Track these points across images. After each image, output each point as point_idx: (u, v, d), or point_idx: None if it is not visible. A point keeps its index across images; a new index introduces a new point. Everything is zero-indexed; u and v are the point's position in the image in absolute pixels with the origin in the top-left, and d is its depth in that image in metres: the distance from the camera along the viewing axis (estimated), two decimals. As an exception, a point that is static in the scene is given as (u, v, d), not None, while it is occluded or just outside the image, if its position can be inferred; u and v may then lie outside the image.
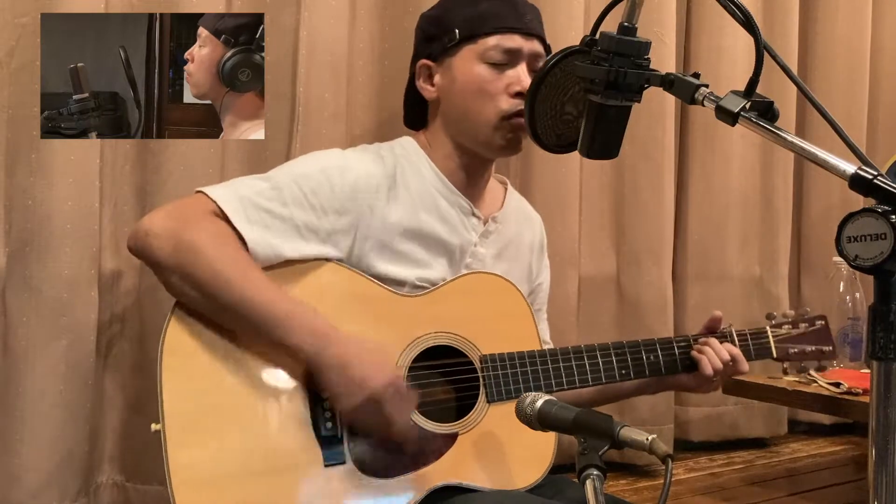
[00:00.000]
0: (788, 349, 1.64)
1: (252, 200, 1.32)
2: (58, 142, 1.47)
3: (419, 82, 1.50)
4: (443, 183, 1.47)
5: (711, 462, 2.25)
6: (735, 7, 0.99)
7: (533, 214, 1.68)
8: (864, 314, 1.96)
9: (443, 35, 1.46)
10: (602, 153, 1.10)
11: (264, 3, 1.70)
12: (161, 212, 1.32)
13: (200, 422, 1.25)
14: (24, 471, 1.46)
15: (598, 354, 1.46)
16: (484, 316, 1.42)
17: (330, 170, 1.38)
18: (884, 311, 0.85)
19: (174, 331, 1.28)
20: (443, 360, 1.39)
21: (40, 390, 1.47)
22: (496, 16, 1.44)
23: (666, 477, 0.98)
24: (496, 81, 1.43)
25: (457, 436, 1.36)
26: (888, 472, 0.86)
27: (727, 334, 1.57)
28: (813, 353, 1.67)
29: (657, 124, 2.14)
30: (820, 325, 1.67)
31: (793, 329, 1.66)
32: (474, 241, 1.50)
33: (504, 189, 1.61)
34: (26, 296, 1.48)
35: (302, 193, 1.34)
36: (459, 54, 1.45)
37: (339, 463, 1.29)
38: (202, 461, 1.23)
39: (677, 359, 1.52)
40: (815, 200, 2.51)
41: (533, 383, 1.41)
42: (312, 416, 1.29)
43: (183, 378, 1.26)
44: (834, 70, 2.50)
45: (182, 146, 1.59)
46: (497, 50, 1.43)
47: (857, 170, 0.86)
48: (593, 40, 1.07)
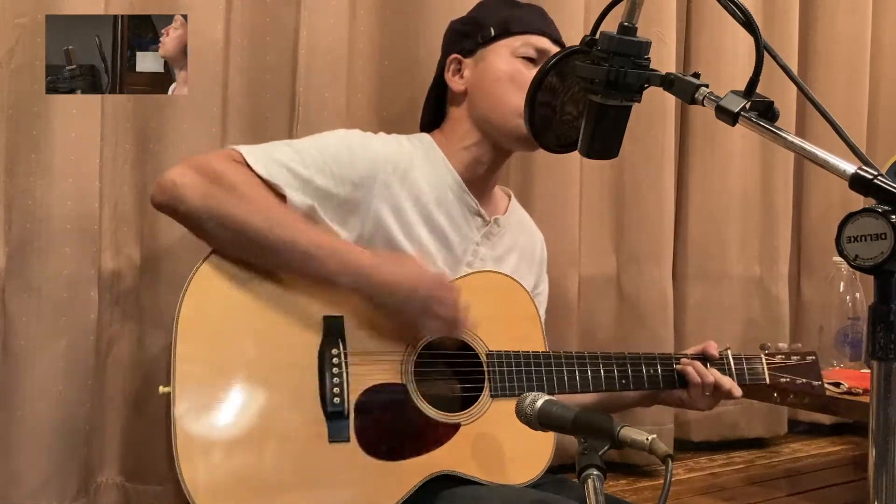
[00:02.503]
0: (780, 378, 1.68)
1: (275, 157, 1.35)
2: (58, 142, 1.47)
3: (448, 75, 1.55)
4: (454, 179, 1.50)
5: (711, 462, 2.25)
6: (735, 7, 0.99)
7: (535, 229, 1.71)
8: (864, 314, 1.96)
9: (477, 32, 1.53)
10: (602, 153, 1.10)
11: (264, 2, 1.70)
12: (185, 163, 1.33)
13: (209, 387, 1.25)
14: (24, 471, 1.46)
15: (600, 362, 1.49)
16: (492, 314, 1.44)
17: (352, 142, 1.42)
18: (884, 311, 0.84)
19: (193, 293, 1.28)
20: (451, 351, 1.41)
21: (40, 390, 1.47)
22: (530, 19, 1.53)
23: (666, 477, 0.99)
24: (528, 74, 1.46)
25: (459, 426, 1.37)
26: (888, 472, 0.86)
27: (723, 356, 1.60)
28: (803, 385, 1.70)
29: (657, 124, 2.14)
30: (811, 360, 1.71)
31: (785, 360, 1.70)
32: (476, 241, 1.52)
33: (508, 199, 1.65)
34: (26, 296, 1.48)
35: (322, 159, 1.37)
36: (492, 48, 1.51)
37: (343, 440, 1.30)
38: (207, 428, 1.23)
39: (675, 374, 1.55)
40: (815, 200, 2.51)
41: (536, 383, 1.43)
42: (321, 390, 1.30)
43: (196, 343, 1.26)
44: (834, 70, 2.50)
45: (182, 147, 1.59)
46: (529, 47, 1.50)
47: (857, 170, 0.86)
48: (593, 40, 1.07)
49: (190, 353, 1.25)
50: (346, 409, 1.31)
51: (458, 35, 1.56)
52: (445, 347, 1.41)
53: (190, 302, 1.28)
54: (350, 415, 1.31)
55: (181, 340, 1.25)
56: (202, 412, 1.24)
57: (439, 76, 1.57)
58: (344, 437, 1.30)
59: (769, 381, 1.66)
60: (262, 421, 1.26)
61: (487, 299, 1.45)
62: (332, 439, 1.29)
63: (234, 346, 1.29)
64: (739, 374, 1.61)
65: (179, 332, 1.25)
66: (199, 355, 1.26)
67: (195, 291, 1.29)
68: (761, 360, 1.66)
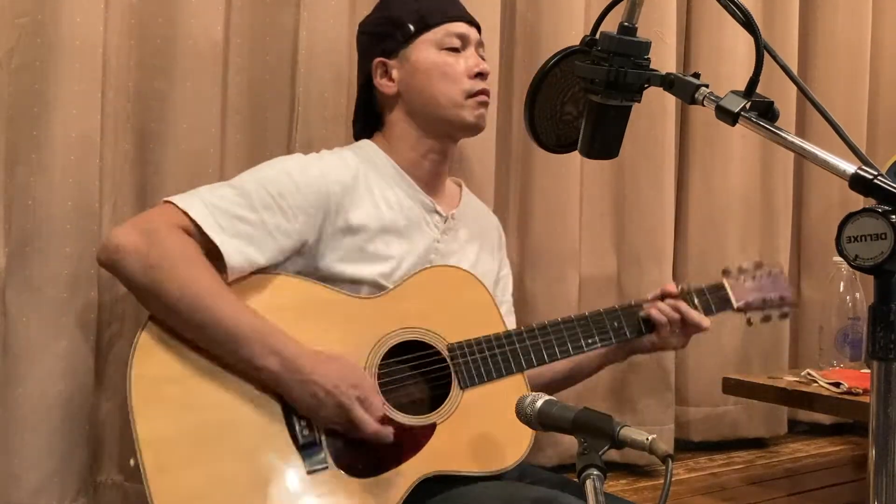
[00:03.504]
0: (749, 298, 1.67)
1: (221, 207, 1.34)
2: (58, 142, 1.47)
3: (377, 80, 1.54)
4: (405, 181, 1.51)
5: (711, 462, 2.25)
6: (735, 7, 0.99)
7: (490, 214, 1.73)
8: (864, 314, 1.96)
9: (395, 31, 1.52)
10: (602, 153, 1.10)
11: (264, 2, 1.70)
12: (129, 227, 1.33)
13: (177, 447, 1.24)
14: (24, 471, 1.46)
15: (562, 328, 1.50)
16: (446, 308, 1.44)
17: (294, 171, 1.41)
18: (884, 311, 0.85)
19: (141, 358, 1.28)
20: (412, 354, 1.41)
21: (40, 390, 1.47)
22: (443, 7, 1.54)
23: (666, 477, 0.99)
24: (456, 65, 1.50)
25: (435, 426, 1.37)
26: (888, 472, 0.86)
27: (686, 292, 1.60)
28: (773, 300, 1.69)
29: (657, 124, 2.14)
30: (776, 272, 1.69)
31: (750, 280, 1.69)
32: (437, 238, 1.52)
33: (460, 189, 1.65)
34: (26, 296, 1.47)
35: (270, 197, 1.37)
36: (415, 46, 1.51)
37: (322, 468, 1.29)
38: (185, 487, 1.23)
39: (640, 320, 1.56)
40: (815, 200, 2.51)
41: (503, 364, 1.43)
42: (288, 426, 1.30)
43: (154, 404, 1.26)
44: (834, 70, 2.50)
45: (182, 146, 1.59)
46: (451, 36, 1.51)
47: (857, 170, 0.86)
48: (593, 40, 1.07)
49: (150, 415, 1.24)
50: (317, 437, 1.31)
51: (376, 38, 1.55)
52: (405, 351, 1.40)
53: (141, 358, 1.28)
54: (322, 441, 1.31)
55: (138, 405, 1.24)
56: (176, 478, 1.23)
57: (364, 83, 1.57)
58: (322, 466, 1.29)
59: (736, 305, 1.66)
60: (238, 472, 1.26)
61: (440, 293, 1.45)
62: (310, 470, 1.28)
63: (192, 398, 1.28)
64: (705, 306, 1.61)
65: (134, 394, 1.25)
66: (159, 415, 1.25)
67: (144, 346, 1.29)
68: (725, 286, 1.66)
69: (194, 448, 1.25)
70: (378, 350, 1.37)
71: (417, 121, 1.52)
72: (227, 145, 1.67)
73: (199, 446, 1.25)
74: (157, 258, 1.28)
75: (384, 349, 1.38)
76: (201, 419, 1.27)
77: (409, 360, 1.41)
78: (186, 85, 1.59)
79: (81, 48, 1.48)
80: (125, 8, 1.58)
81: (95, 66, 1.51)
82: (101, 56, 1.52)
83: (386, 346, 1.38)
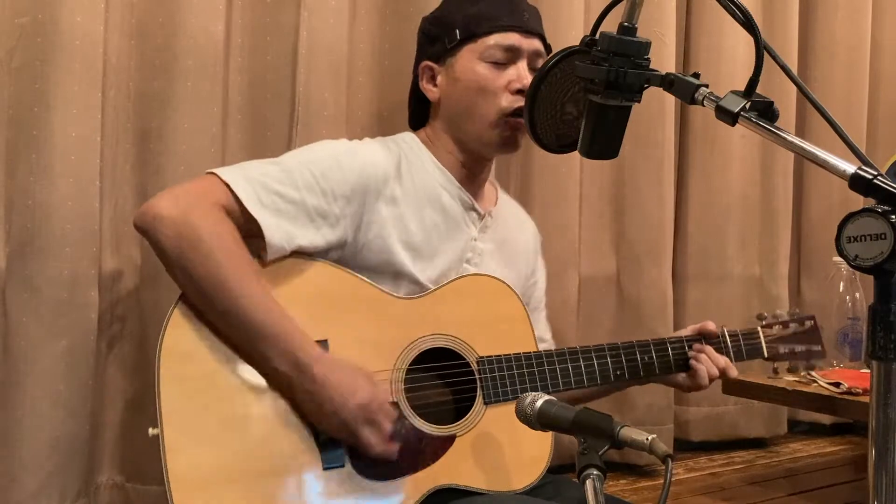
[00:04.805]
0: (779, 349, 1.67)
1: (263, 183, 1.32)
2: (58, 142, 1.47)
3: (422, 83, 1.52)
4: (445, 177, 1.49)
5: (711, 462, 2.25)
6: (735, 7, 0.99)
7: (527, 217, 1.70)
8: (864, 314, 1.96)
9: (444, 36, 1.48)
10: (602, 153, 1.10)
11: (265, 2, 1.70)
12: (171, 197, 1.29)
13: (198, 425, 1.24)
14: (24, 471, 1.46)
15: (593, 356, 1.48)
16: (481, 318, 1.43)
17: (339, 155, 1.39)
18: (884, 311, 0.85)
19: (173, 332, 1.27)
20: (441, 362, 1.39)
21: (40, 390, 1.47)
22: (494, 15, 1.46)
23: (666, 477, 0.99)
24: (496, 79, 1.44)
25: (454, 438, 1.36)
26: (888, 472, 0.86)
27: (719, 335, 1.59)
28: (803, 353, 1.69)
29: (657, 124, 2.14)
30: (809, 325, 1.69)
31: (783, 329, 1.68)
32: (474, 236, 1.51)
33: (496, 190, 1.63)
34: (26, 296, 1.48)
35: (313, 177, 1.35)
36: (460, 54, 1.47)
37: (338, 466, 1.28)
38: (200, 465, 1.22)
39: (671, 360, 1.55)
40: (815, 200, 2.51)
41: (529, 385, 1.41)
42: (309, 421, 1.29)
43: (181, 380, 1.25)
44: (834, 70, 2.50)
45: (182, 146, 1.59)
46: (496, 48, 1.45)
47: (857, 170, 0.86)
48: (593, 40, 1.07)
49: (175, 391, 1.24)
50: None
51: (428, 39, 1.52)
52: (435, 358, 1.39)
53: (172, 335, 1.26)
54: (342, 441, 1.30)
55: (165, 379, 1.23)
56: (193, 453, 1.22)
57: (416, 82, 1.54)
58: (338, 463, 1.29)
59: (767, 354, 1.66)
60: (254, 456, 1.25)
61: (475, 303, 1.44)
62: (325, 466, 1.28)
63: (219, 380, 1.27)
64: (737, 352, 1.60)
65: (162, 368, 1.24)
66: (184, 392, 1.24)
67: (176, 323, 1.27)
68: (759, 334, 1.65)
69: (214, 427, 1.24)
70: (409, 353, 1.36)
71: (453, 131, 1.50)
72: (228, 145, 1.67)
73: (219, 426, 1.25)
74: (190, 237, 1.26)
75: (415, 353, 1.36)
76: (226, 400, 1.26)
77: (437, 368, 1.39)
78: (187, 84, 1.59)
79: (81, 48, 1.48)
80: (125, 7, 1.58)
81: (96, 66, 1.51)
82: (102, 56, 1.52)
83: (417, 350, 1.37)
